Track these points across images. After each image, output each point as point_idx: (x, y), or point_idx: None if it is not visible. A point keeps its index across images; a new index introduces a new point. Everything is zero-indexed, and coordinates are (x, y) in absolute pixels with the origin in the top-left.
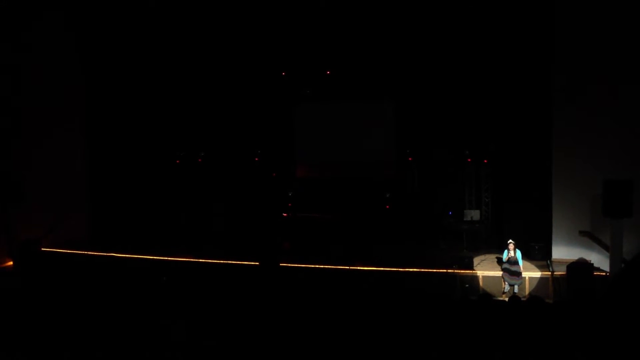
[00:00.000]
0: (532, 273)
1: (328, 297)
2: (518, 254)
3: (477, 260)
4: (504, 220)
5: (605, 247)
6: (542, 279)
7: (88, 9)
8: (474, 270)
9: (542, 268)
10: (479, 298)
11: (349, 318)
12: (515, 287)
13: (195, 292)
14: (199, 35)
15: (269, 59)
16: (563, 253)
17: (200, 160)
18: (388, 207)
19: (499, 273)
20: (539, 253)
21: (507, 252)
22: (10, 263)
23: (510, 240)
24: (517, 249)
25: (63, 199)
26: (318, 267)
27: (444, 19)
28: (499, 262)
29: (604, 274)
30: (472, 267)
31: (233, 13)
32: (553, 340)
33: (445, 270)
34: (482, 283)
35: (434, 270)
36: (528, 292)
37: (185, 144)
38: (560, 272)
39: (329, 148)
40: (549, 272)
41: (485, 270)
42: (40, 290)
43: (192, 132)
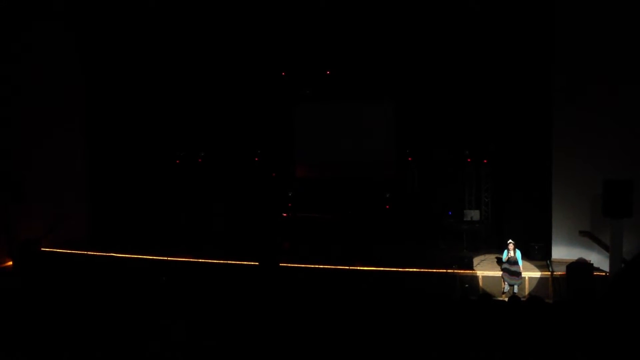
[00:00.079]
0: (532, 273)
1: (328, 297)
2: (518, 254)
3: (477, 260)
4: (504, 220)
5: (605, 247)
6: (542, 279)
7: (88, 9)
8: (474, 270)
9: (542, 268)
10: (479, 298)
11: (349, 318)
12: (515, 287)
13: (195, 292)
14: (199, 36)
15: (269, 59)
16: (563, 253)
17: (200, 160)
18: (388, 207)
19: (499, 273)
20: (539, 253)
21: (507, 252)
22: (10, 263)
23: (510, 240)
24: (517, 249)
25: (63, 199)
26: (318, 267)
27: (444, 19)
28: (499, 262)
29: (604, 274)
30: (472, 267)
31: (233, 13)
32: (553, 340)
33: (445, 270)
34: (482, 283)
35: (434, 270)
36: (528, 292)
37: (185, 144)
38: (560, 272)
39: (329, 148)
40: (549, 272)
41: (485, 270)
42: (40, 290)
43: (192, 132)
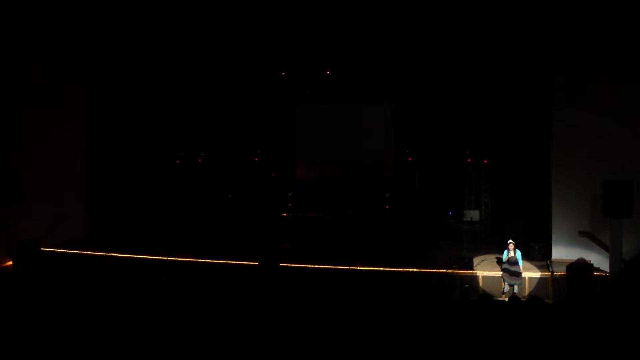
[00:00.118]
0: (531, 273)
1: (328, 297)
2: (518, 254)
3: (476, 261)
4: (504, 221)
5: (605, 247)
6: (541, 279)
7: (88, 9)
8: (474, 271)
9: (541, 268)
10: (479, 298)
11: (349, 318)
12: (515, 287)
13: (195, 292)
14: (199, 35)
15: (269, 59)
16: (563, 253)
17: (200, 160)
18: (388, 207)
19: (499, 273)
20: (539, 253)
21: (507, 252)
22: (10, 263)
23: (510, 241)
24: (517, 249)
25: (63, 199)
26: (318, 267)
27: (444, 19)
28: (499, 262)
29: (604, 274)
30: (472, 267)
31: (233, 13)
32: (553, 341)
33: (445, 270)
34: (481, 283)
35: (434, 270)
36: (528, 292)
37: (185, 144)
38: (560, 272)
39: (329, 148)
40: (549, 272)
41: (485, 271)
42: (40, 290)
43: (192, 132)
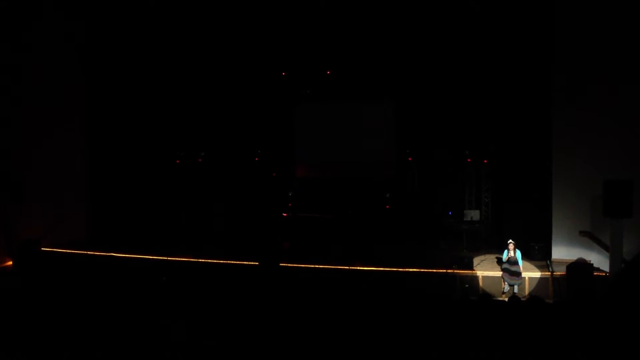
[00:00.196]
0: (532, 273)
1: (328, 297)
2: (518, 254)
3: (477, 260)
4: (504, 221)
5: (605, 247)
6: (542, 279)
7: (88, 9)
8: (474, 270)
9: (542, 268)
10: (479, 298)
11: (349, 318)
12: (515, 287)
13: (195, 292)
14: (199, 36)
15: (269, 59)
16: (563, 253)
17: (200, 160)
18: (388, 207)
19: (499, 273)
20: (539, 253)
21: (507, 252)
22: (10, 263)
23: (510, 240)
24: (517, 249)
25: (63, 199)
26: (318, 267)
27: (444, 19)
28: (499, 262)
29: (604, 274)
30: (472, 267)
31: (233, 13)
32: (553, 341)
33: (445, 270)
34: (482, 283)
35: (434, 270)
36: (528, 292)
37: (185, 144)
38: (560, 272)
39: (329, 148)
40: (549, 272)
41: (485, 271)
42: (40, 290)
43: (192, 132)
